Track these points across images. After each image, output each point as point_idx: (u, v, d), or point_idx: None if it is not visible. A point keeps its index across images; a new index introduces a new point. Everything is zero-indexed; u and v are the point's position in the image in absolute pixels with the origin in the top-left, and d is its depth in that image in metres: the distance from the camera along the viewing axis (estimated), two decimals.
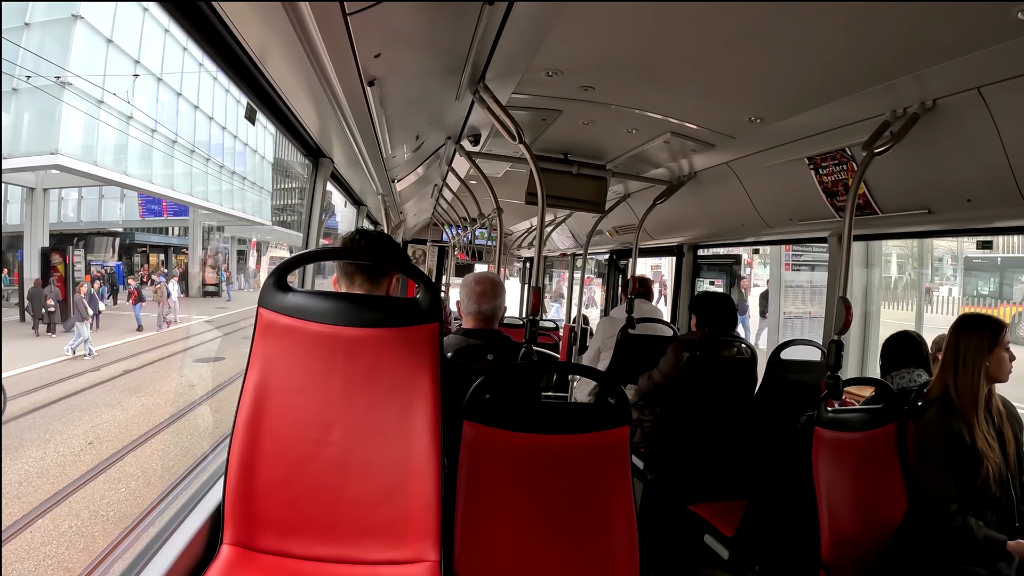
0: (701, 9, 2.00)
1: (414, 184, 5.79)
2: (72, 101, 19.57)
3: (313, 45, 1.85)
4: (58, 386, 12.09)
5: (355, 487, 1.81)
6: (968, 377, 2.55)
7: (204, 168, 28.84)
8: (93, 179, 22.41)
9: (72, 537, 6.68)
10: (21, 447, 8.94)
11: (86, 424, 10.19)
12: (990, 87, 2.24)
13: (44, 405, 10.79)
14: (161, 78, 24.80)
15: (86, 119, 20.44)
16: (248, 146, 33.86)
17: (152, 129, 24.27)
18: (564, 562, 1.98)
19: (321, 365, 1.85)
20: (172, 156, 25.87)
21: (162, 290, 22.56)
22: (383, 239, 2.30)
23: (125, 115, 22.45)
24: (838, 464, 2.54)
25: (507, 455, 2.00)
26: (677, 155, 4.02)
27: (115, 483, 8.00)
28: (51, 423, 10.07)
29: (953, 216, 2.97)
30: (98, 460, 8.69)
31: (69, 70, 19.09)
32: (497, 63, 2.49)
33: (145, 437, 9.78)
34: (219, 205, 30.43)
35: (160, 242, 32.43)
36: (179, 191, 26.98)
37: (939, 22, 1.90)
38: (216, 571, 1.68)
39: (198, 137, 28.19)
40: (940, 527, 2.44)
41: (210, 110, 29.29)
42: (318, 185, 3.48)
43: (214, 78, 28.81)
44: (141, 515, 7.01)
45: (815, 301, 10.24)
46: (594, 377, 2.25)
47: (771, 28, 2.09)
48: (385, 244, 2.31)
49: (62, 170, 20.25)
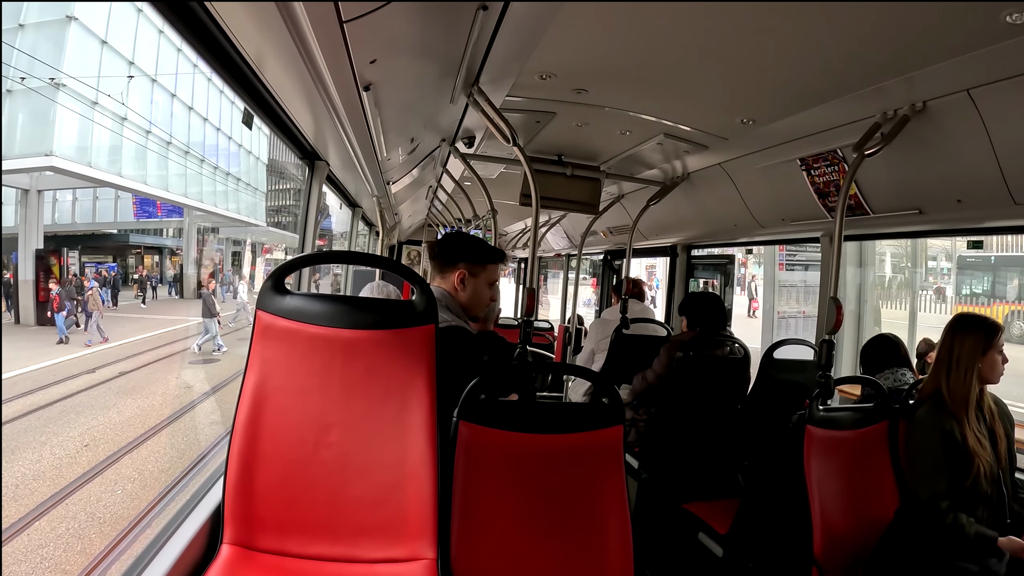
0: (693, 12, 2.03)
1: (409, 186, 5.81)
2: (66, 102, 19.51)
3: (310, 51, 1.86)
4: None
5: (353, 487, 1.84)
6: (961, 377, 2.57)
7: (199, 169, 28.79)
8: (87, 180, 22.33)
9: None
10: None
11: None
12: (979, 89, 2.26)
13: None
14: (155, 79, 24.76)
15: (80, 120, 20.38)
16: (243, 147, 33.80)
17: (147, 130, 24.20)
18: (559, 560, 1.99)
19: (319, 367, 1.88)
20: (167, 157, 25.80)
21: (95, 296, 18.11)
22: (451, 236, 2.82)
23: (119, 116, 22.40)
24: (830, 462, 2.56)
25: (502, 455, 2.02)
26: (670, 156, 4.05)
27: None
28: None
29: (944, 216, 2.99)
30: None
31: (63, 71, 19.03)
32: (491, 67, 2.51)
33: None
34: (214, 206, 30.36)
35: (154, 243, 32.32)
36: (174, 192, 26.90)
37: (928, 25, 1.93)
38: (216, 570, 1.70)
39: (192, 138, 28.14)
40: (931, 524, 2.46)
41: (204, 111, 29.24)
42: (314, 188, 3.50)
43: (208, 79, 28.74)
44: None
45: (809, 300, 10.28)
46: (587, 377, 2.29)
47: (762, 31, 2.12)
48: (451, 241, 2.74)
49: (56, 172, 20.16)
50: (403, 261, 10.49)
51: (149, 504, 7.41)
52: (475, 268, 2.58)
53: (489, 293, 2.65)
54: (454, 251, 2.62)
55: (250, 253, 37.99)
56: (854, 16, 1.92)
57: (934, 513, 2.45)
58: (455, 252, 2.61)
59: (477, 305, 2.63)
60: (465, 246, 2.65)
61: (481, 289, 2.61)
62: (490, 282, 2.64)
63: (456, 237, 2.82)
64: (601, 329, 5.07)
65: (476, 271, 2.58)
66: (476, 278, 2.59)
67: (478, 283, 2.60)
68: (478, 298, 2.62)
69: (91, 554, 6.40)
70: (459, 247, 2.64)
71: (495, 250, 2.71)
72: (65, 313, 17.57)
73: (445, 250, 2.65)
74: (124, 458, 8.95)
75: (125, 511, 7.32)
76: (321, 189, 3.63)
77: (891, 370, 3.14)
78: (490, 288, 2.65)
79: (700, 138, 3.50)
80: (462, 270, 2.57)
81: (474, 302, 2.61)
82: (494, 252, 2.69)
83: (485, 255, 2.63)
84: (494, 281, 2.68)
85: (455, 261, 2.58)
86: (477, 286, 2.60)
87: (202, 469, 8.32)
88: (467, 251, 2.62)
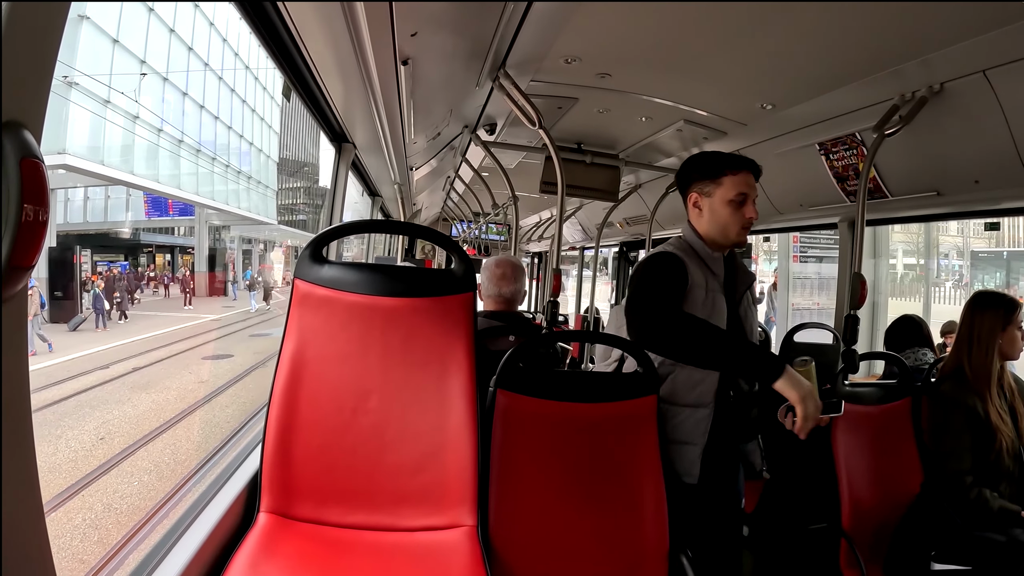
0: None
1: (428, 175, 5.84)
2: (79, 101, 19.63)
3: (355, 19, 1.89)
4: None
5: (392, 455, 1.86)
6: (982, 354, 2.61)
7: (210, 167, 28.91)
8: (100, 179, 22.45)
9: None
10: None
11: None
12: (996, 70, 2.27)
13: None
14: (167, 78, 24.88)
15: (93, 118, 20.49)
16: (253, 145, 33.92)
17: (158, 129, 24.32)
18: (595, 526, 2.02)
19: (357, 335, 1.90)
20: (178, 155, 25.92)
21: (34, 296, 15.95)
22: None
23: (131, 114, 22.52)
24: (856, 437, 2.59)
25: (539, 423, 2.05)
26: (689, 144, 4.06)
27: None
28: None
29: (962, 198, 3.01)
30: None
31: (76, 69, 19.15)
32: (518, 49, 2.54)
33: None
34: (225, 204, 30.48)
35: (166, 242, 32.46)
36: (185, 190, 27.03)
37: (945, 7, 1.95)
38: (254, 538, 1.70)
39: (204, 136, 28.26)
40: (956, 498, 2.50)
41: (215, 110, 29.36)
42: (341, 170, 3.55)
43: (219, 78, 28.89)
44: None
45: (823, 293, 10.28)
46: (622, 346, 2.29)
47: (782, 15, 2.14)
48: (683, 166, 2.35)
49: (69, 170, 20.28)
50: (416, 255, 10.51)
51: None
52: (706, 185, 2.24)
53: (731, 212, 2.20)
54: (683, 174, 2.33)
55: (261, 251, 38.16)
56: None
57: (959, 487, 2.49)
58: (684, 175, 2.32)
59: (718, 231, 2.23)
60: (691, 162, 2.31)
61: (718, 208, 2.21)
62: (728, 199, 2.19)
63: (687, 160, 2.37)
64: (619, 316, 5.08)
65: (709, 189, 2.23)
66: (711, 197, 2.23)
67: (714, 202, 2.22)
68: (716, 221, 2.23)
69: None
70: (686, 167, 2.32)
71: (730, 157, 2.27)
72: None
73: (679, 179, 2.36)
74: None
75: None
76: (347, 171, 3.68)
77: (912, 350, 3.18)
78: (733, 207, 2.20)
79: (719, 124, 3.51)
80: (693, 193, 2.28)
81: (713, 227, 2.24)
82: (727, 159, 2.25)
83: (714, 165, 2.24)
84: (734, 197, 2.19)
85: (686, 185, 2.31)
86: (713, 206, 2.22)
87: None
88: (694, 167, 2.29)
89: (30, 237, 0.76)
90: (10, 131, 0.74)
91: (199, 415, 10.73)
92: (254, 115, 34.45)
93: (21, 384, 0.83)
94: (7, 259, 0.73)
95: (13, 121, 0.75)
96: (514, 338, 2.78)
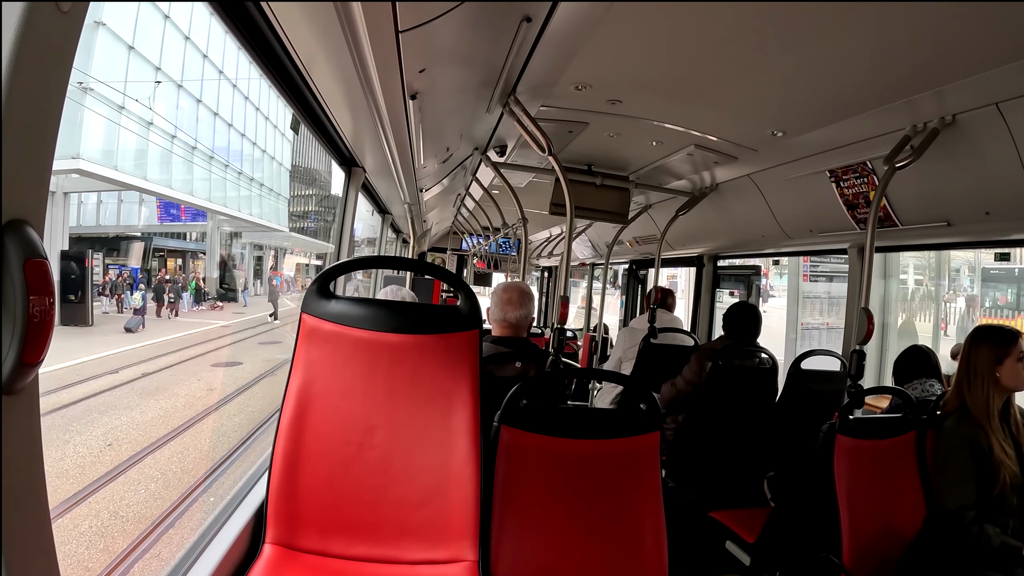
0: (727, 25, 2.06)
1: (439, 194, 5.86)
2: (94, 106, 19.74)
3: (363, 58, 1.91)
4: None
5: (396, 489, 1.87)
6: (980, 388, 2.59)
7: (223, 174, 29.04)
8: (113, 184, 22.56)
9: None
10: None
11: None
12: (1008, 103, 2.28)
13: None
14: (181, 85, 25.03)
15: (107, 124, 20.60)
16: (266, 153, 34.08)
17: (172, 135, 24.45)
18: (596, 563, 2.01)
19: (364, 370, 1.91)
20: (191, 162, 26.05)
21: None
22: None
23: (146, 121, 22.64)
24: (859, 471, 2.56)
25: (542, 459, 2.04)
26: (699, 167, 4.07)
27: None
28: None
29: (972, 228, 3.00)
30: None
31: (91, 75, 19.27)
32: (529, 77, 2.55)
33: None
34: (237, 211, 30.60)
35: (177, 247, 32.56)
36: (198, 196, 27.15)
37: (958, 40, 1.95)
38: (259, 570, 1.73)
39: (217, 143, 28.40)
40: (958, 534, 2.48)
41: (229, 117, 29.51)
42: (350, 194, 3.56)
43: (234, 86, 29.04)
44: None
45: (832, 312, 10.23)
46: (623, 383, 2.30)
47: (794, 45, 2.15)
48: None
49: (83, 174, 20.38)
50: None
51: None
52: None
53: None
54: None
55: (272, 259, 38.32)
56: (885, 29, 1.94)
57: (961, 523, 2.47)
58: None
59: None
60: None
61: None
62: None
63: None
64: (629, 338, 5.08)
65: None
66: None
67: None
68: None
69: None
70: None
71: None
72: None
73: None
74: None
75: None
76: (357, 196, 3.69)
77: (920, 380, 3.15)
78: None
79: (730, 149, 3.52)
80: None
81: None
82: None
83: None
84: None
85: None
86: None
87: None
88: None
89: (38, 334, 0.77)
90: (12, 230, 0.76)
91: (208, 423, 10.74)
92: (267, 122, 34.67)
93: (35, 468, 0.85)
94: (16, 359, 0.75)
95: (15, 220, 0.76)
96: (520, 364, 2.77)
